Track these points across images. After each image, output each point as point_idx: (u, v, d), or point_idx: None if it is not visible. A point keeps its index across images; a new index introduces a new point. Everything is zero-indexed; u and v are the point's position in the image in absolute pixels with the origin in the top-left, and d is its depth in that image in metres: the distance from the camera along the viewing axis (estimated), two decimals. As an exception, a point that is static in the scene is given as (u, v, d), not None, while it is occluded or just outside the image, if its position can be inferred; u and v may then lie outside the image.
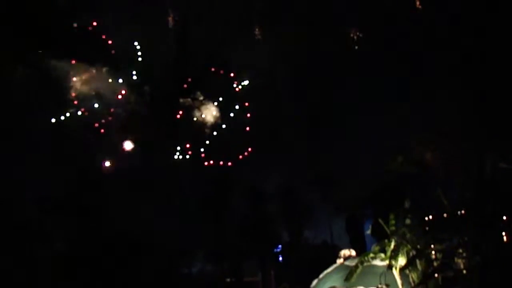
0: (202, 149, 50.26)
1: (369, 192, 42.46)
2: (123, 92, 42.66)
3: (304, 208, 46.03)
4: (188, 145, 48.14)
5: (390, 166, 40.92)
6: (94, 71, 42.20)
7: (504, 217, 23.12)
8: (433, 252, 24.16)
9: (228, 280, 45.91)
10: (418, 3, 38.74)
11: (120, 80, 42.21)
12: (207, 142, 49.25)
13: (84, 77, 41.86)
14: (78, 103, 42.74)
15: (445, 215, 25.04)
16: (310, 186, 47.17)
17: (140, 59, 43.27)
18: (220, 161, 47.24)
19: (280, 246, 46.31)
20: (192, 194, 47.30)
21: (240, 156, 45.54)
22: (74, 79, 42.14)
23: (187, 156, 47.65)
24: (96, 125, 42.77)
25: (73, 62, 40.15)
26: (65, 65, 41.37)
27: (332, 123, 48.17)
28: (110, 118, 43.00)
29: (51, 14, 37.16)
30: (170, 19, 41.40)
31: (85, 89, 41.94)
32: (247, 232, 44.69)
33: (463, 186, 27.42)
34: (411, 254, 23.64)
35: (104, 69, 42.25)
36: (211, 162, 47.51)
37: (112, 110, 43.17)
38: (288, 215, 46.04)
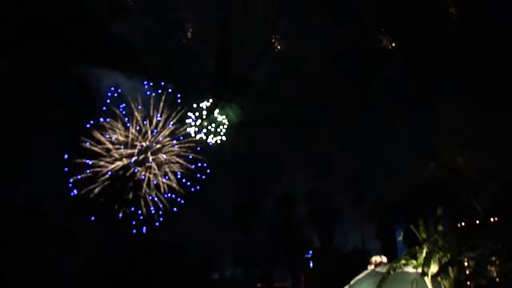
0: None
1: (402, 197, 42.09)
2: None
3: (334, 213, 45.88)
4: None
5: (423, 172, 40.59)
6: None
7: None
8: (465, 259, 23.87)
9: (259, 285, 46.23)
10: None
11: None
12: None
13: None
14: None
15: (477, 221, 24.72)
16: (341, 192, 47.08)
17: None
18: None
19: (310, 251, 46.27)
20: (223, 201, 48.06)
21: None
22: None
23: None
24: None
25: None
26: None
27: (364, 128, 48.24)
28: None
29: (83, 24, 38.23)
30: None
31: None
32: (277, 238, 44.87)
33: (496, 192, 27.01)
34: (443, 261, 23.39)
35: None
36: None
37: None
38: (318, 220, 45.94)
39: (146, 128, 48.50)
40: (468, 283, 23.04)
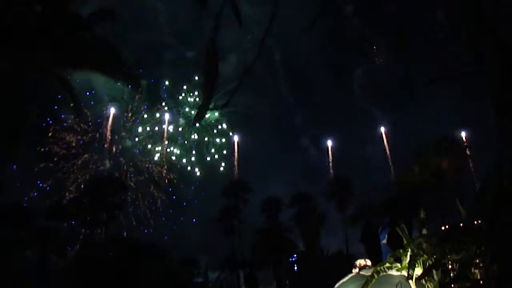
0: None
1: (386, 201, 42.14)
2: None
3: (319, 217, 45.85)
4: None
5: (407, 175, 40.72)
6: None
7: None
8: (449, 262, 23.87)
9: (243, 288, 46.10)
10: None
11: None
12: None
13: None
14: None
15: (461, 224, 24.75)
16: (325, 195, 47.12)
17: None
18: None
19: (295, 255, 46.14)
20: (208, 204, 47.91)
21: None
22: None
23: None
24: None
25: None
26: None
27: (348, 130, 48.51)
28: None
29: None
30: None
31: None
32: (262, 241, 44.72)
33: (480, 195, 27.09)
34: (427, 264, 23.38)
35: None
36: None
37: None
38: (303, 223, 45.87)
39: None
40: (453, 285, 23.01)
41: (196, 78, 50.25)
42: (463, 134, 42.43)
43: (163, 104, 50.10)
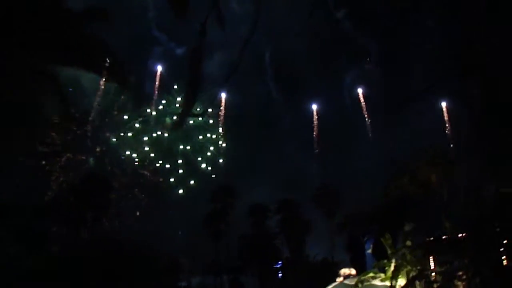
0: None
1: (373, 210, 42.26)
2: None
3: (305, 224, 45.80)
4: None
5: (395, 185, 40.89)
6: None
7: (505, 241, 23.02)
8: (433, 274, 24.04)
9: (228, 294, 45.91)
10: None
11: None
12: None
13: None
14: None
15: (446, 237, 24.97)
16: (312, 203, 47.08)
17: None
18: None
19: (280, 262, 46.04)
20: (195, 209, 47.67)
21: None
22: None
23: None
24: None
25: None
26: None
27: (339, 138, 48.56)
28: None
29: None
30: None
31: None
32: (247, 247, 44.60)
33: (465, 209, 27.35)
34: (411, 275, 23.54)
35: None
36: None
37: None
38: (289, 230, 45.81)
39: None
40: (435, 297, 23.20)
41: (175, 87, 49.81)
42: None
43: (151, 102, 49.53)
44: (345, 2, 45.44)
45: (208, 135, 51.38)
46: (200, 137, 51.36)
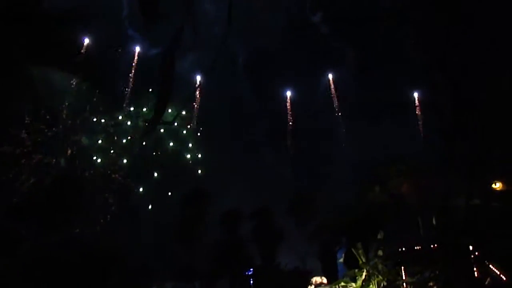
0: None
1: (345, 220, 42.38)
2: None
3: (277, 232, 45.71)
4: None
5: (367, 195, 41.15)
6: None
7: (476, 252, 23.27)
8: (404, 285, 24.16)
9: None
10: None
11: None
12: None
13: None
14: None
15: (417, 248, 25.16)
16: (285, 211, 47.07)
17: None
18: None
19: (251, 269, 45.78)
20: (168, 214, 47.11)
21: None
22: None
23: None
24: None
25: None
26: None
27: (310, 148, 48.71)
28: None
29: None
30: None
31: None
32: (219, 253, 44.26)
33: (436, 220, 27.61)
34: (382, 285, 23.61)
35: None
36: None
37: None
38: (261, 238, 45.64)
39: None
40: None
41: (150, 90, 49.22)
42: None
43: (124, 104, 48.78)
44: (322, 6, 45.60)
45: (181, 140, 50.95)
46: (171, 144, 50.86)
